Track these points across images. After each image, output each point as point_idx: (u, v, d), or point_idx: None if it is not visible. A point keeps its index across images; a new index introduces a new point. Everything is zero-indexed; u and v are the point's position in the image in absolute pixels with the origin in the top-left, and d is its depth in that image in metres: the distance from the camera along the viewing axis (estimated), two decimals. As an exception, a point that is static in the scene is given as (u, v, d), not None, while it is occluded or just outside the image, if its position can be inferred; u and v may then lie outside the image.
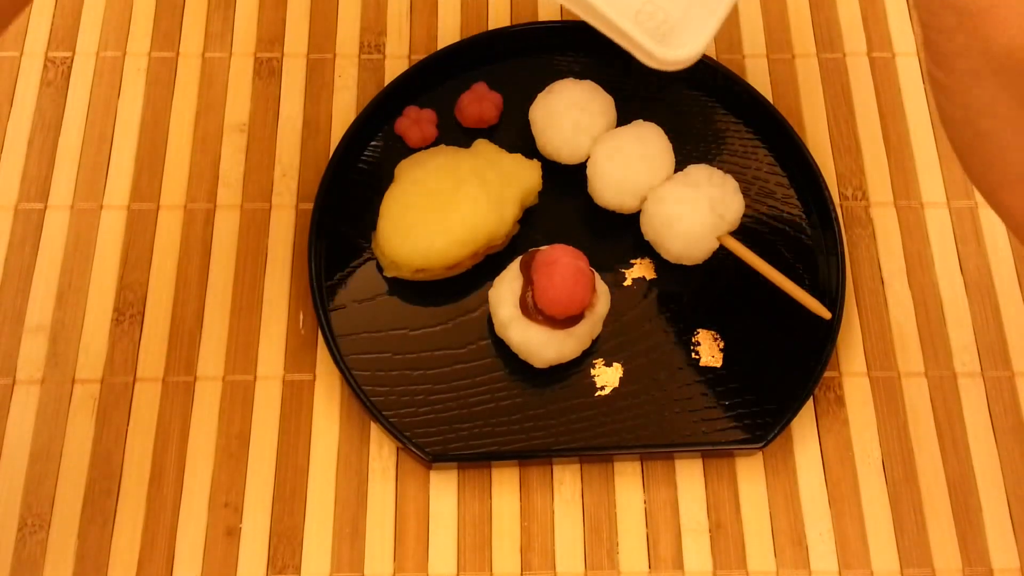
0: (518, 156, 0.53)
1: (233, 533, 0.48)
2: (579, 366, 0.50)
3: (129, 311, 0.52)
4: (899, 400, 0.51)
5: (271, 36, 0.59)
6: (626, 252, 0.53)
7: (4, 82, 0.57)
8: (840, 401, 0.51)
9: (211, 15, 0.59)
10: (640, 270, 0.53)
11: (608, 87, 0.54)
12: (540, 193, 0.53)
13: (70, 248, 0.53)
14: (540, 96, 0.54)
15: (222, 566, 0.47)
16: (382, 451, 0.49)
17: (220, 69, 0.58)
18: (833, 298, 0.51)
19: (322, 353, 0.51)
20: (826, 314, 0.50)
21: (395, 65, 0.58)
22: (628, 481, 0.49)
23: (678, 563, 0.47)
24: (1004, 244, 0.54)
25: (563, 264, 0.47)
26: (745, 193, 0.52)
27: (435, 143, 0.55)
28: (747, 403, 0.50)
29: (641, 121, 0.53)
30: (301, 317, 0.52)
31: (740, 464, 0.49)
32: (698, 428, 0.49)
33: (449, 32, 0.59)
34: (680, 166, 0.52)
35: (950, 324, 0.52)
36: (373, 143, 0.55)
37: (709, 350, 0.51)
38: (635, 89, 0.57)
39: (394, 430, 0.48)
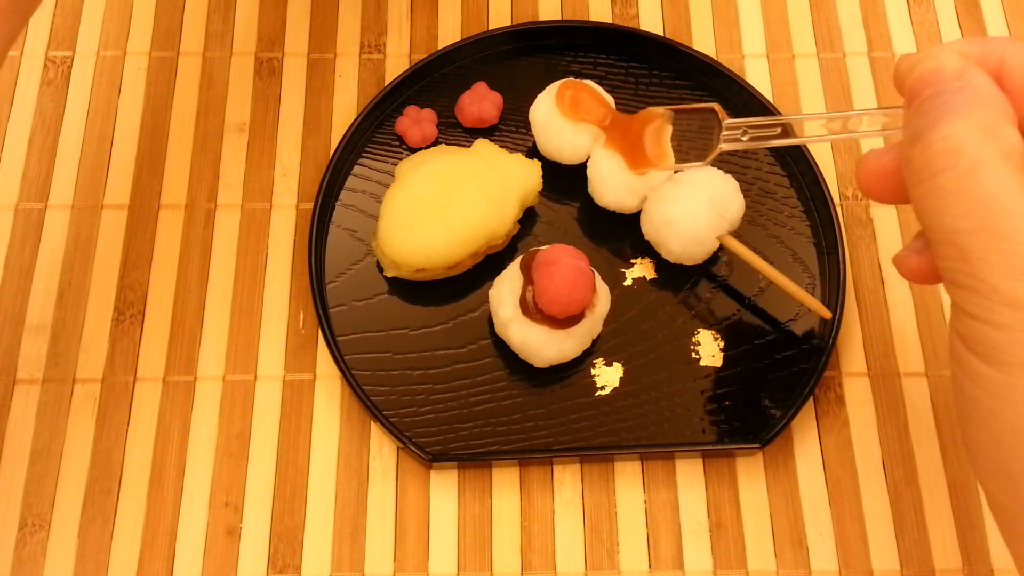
0: (518, 156, 0.53)
1: (233, 533, 0.48)
2: (579, 366, 0.50)
3: (129, 311, 0.52)
4: (899, 400, 0.51)
5: (271, 36, 0.59)
6: (626, 252, 0.53)
7: (4, 82, 0.57)
8: (840, 401, 0.51)
9: (211, 15, 0.59)
10: (640, 270, 0.53)
11: (608, 87, 0.54)
12: (540, 193, 0.53)
13: (70, 248, 0.53)
14: (540, 96, 0.54)
15: (222, 566, 0.47)
16: (382, 451, 0.49)
17: (220, 69, 0.58)
18: (833, 298, 0.51)
19: (322, 353, 0.51)
20: (826, 314, 0.50)
21: (395, 65, 0.58)
22: (628, 481, 0.49)
23: (678, 563, 0.47)
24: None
25: (563, 264, 0.47)
26: (745, 193, 0.52)
27: (435, 143, 0.55)
28: (747, 403, 0.50)
29: (641, 121, 0.53)
30: (301, 317, 0.52)
31: (740, 464, 0.49)
32: (698, 428, 0.49)
33: (449, 32, 0.59)
34: (680, 166, 0.52)
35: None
36: (373, 143, 0.55)
37: (709, 350, 0.51)
38: (635, 89, 0.57)
39: (394, 430, 0.48)
